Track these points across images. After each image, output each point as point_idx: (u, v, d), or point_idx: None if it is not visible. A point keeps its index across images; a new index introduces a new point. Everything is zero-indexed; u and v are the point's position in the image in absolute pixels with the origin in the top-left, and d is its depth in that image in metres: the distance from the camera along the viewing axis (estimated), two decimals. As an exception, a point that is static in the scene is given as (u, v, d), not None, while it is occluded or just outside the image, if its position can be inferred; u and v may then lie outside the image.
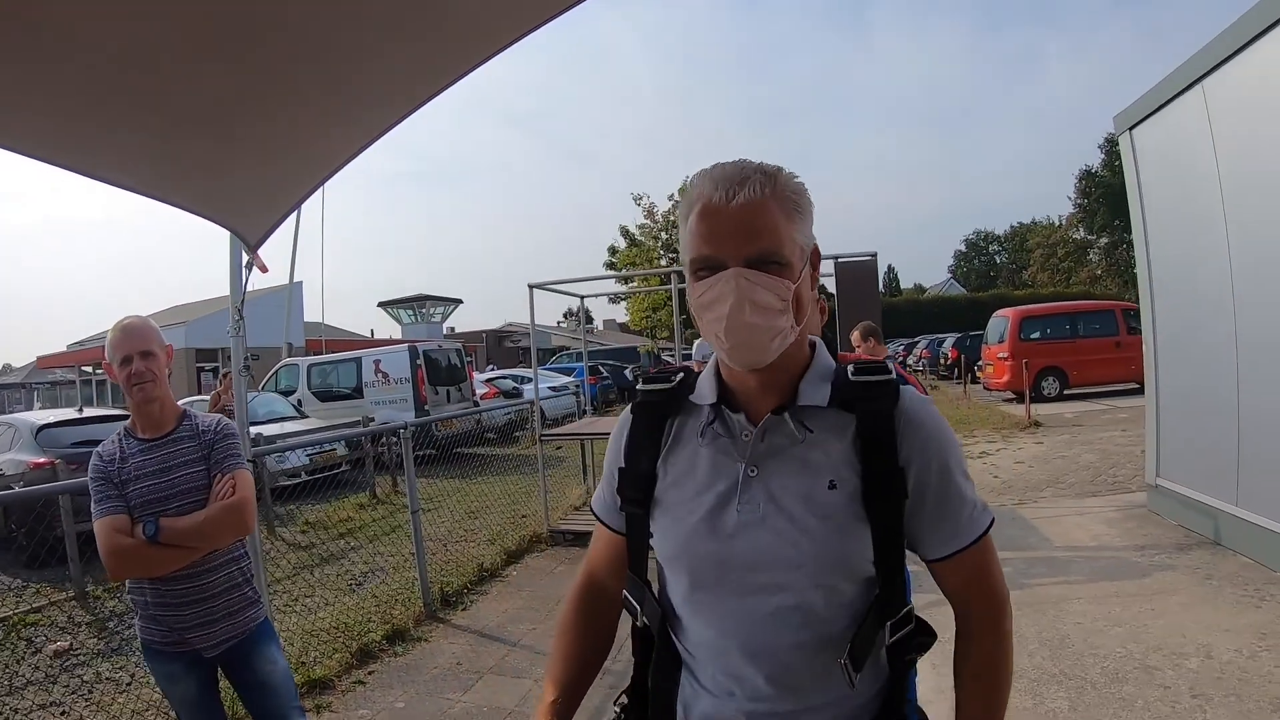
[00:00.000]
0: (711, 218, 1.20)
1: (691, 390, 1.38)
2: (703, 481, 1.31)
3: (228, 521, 2.68)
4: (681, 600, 1.34)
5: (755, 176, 1.19)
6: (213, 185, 2.93)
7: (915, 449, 1.26)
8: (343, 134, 2.71)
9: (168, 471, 2.70)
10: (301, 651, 5.31)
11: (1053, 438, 12.81)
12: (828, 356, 1.36)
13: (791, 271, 1.21)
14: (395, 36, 2.09)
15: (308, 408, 15.89)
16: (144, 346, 2.69)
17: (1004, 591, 1.37)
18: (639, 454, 1.39)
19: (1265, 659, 4.17)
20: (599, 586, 1.54)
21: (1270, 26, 5.14)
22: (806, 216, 1.25)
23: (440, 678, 5.02)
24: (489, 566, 7.33)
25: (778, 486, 1.25)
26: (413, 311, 52.02)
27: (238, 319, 3.88)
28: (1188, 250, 6.77)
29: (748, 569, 1.25)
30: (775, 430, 1.27)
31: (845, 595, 1.25)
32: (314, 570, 7.67)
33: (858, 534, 1.22)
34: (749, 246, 1.18)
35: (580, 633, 1.52)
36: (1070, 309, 20.72)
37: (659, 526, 1.35)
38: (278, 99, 2.32)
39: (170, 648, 2.75)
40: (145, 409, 2.75)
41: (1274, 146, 5.35)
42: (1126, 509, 7.72)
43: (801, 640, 1.24)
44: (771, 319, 1.19)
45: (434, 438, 11.88)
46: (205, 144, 2.53)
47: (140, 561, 2.60)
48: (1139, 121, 7.34)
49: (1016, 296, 39.78)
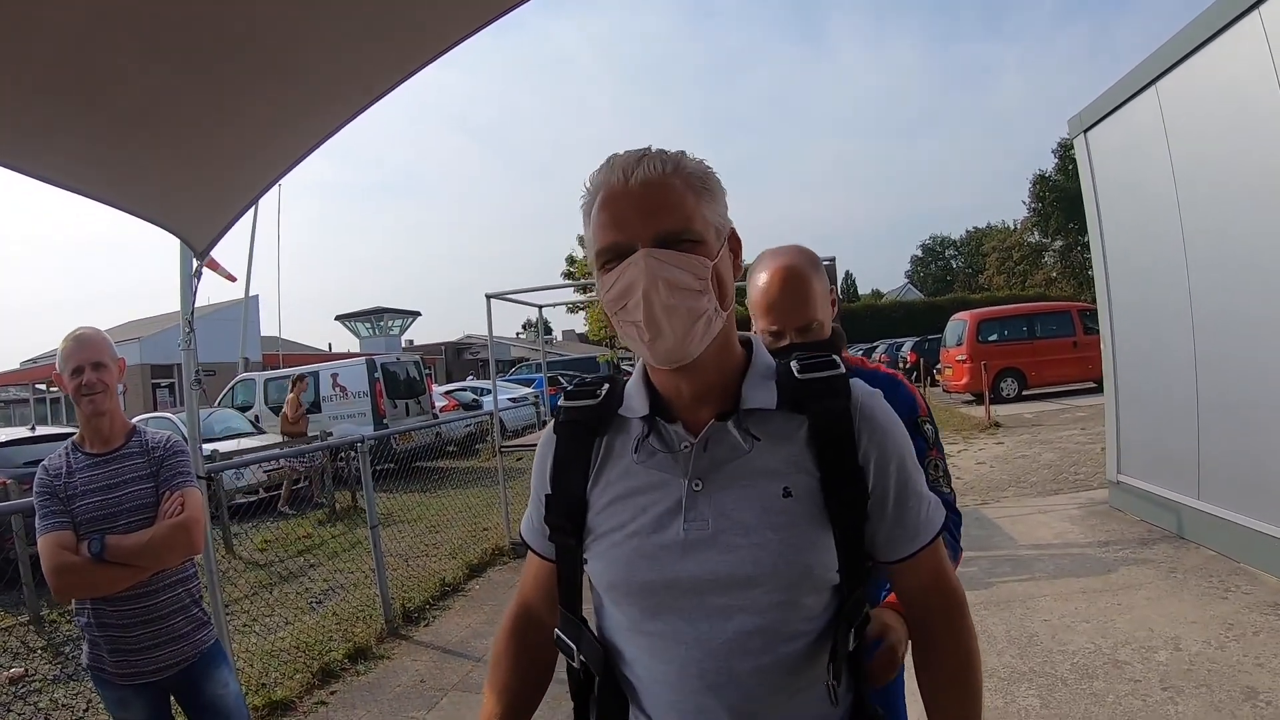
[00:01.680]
0: (613, 202, 1.12)
1: (620, 403, 1.27)
2: (641, 502, 1.20)
3: (176, 540, 2.60)
4: (628, 633, 1.23)
5: (653, 155, 1.13)
6: (155, 187, 2.82)
7: (874, 446, 1.18)
8: (290, 135, 2.64)
9: (115, 488, 2.63)
10: (262, 673, 5.18)
11: (1013, 438, 12.93)
12: (767, 354, 1.27)
13: (707, 249, 1.13)
14: (341, 35, 2.04)
15: (265, 423, 15.65)
16: (96, 358, 2.64)
17: (961, 590, 1.31)
18: (566, 479, 1.28)
19: (1233, 649, 4.19)
20: (533, 615, 1.42)
21: (1223, 28, 5.22)
22: (717, 196, 1.18)
23: (404, 696, 4.90)
24: (451, 581, 7.22)
25: (727, 500, 1.16)
26: (370, 324, 51.53)
27: (188, 332, 3.76)
28: (1143, 249, 6.86)
29: (701, 592, 1.15)
30: (718, 440, 1.18)
31: (810, 609, 1.16)
32: (273, 589, 7.49)
33: (820, 542, 1.14)
34: (656, 224, 1.10)
35: (514, 665, 1.41)
36: (1027, 311, 20.99)
37: (595, 555, 1.24)
38: (221, 98, 2.24)
39: (118, 673, 2.65)
40: (94, 422, 2.69)
41: (1227, 145, 5.43)
42: (1089, 506, 7.78)
43: (765, 664, 1.15)
44: (691, 300, 1.10)
45: (393, 451, 11.71)
46: (146, 144, 2.43)
47: (85, 580, 2.52)
48: (1094, 124, 7.42)
49: (974, 300, 40.30)
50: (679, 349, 1.13)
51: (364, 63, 2.22)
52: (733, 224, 1.21)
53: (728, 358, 1.21)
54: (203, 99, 2.21)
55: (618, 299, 1.13)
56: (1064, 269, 51.12)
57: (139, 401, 31.15)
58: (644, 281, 1.08)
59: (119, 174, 2.64)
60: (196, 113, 2.29)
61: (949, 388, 20.17)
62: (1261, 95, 4.88)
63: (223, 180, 2.88)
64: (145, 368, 33.09)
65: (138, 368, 32.78)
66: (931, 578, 1.27)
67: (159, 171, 2.68)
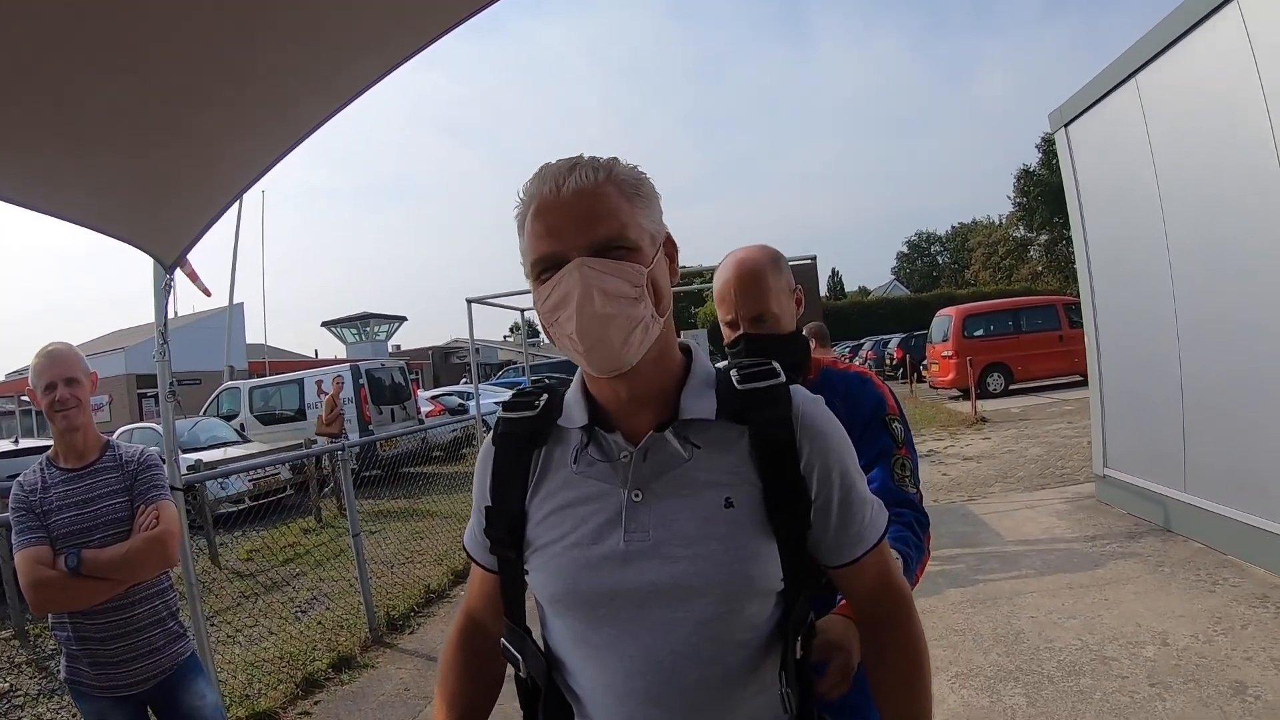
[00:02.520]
0: (546, 213, 1.10)
1: (559, 413, 1.25)
2: (581, 513, 1.18)
3: (152, 553, 2.63)
4: (572, 644, 1.22)
5: (585, 164, 1.11)
6: (117, 202, 2.78)
7: (817, 455, 1.17)
8: (257, 141, 2.58)
9: (91, 502, 2.65)
10: (246, 684, 5.15)
11: (999, 433, 12.95)
12: (707, 362, 1.25)
13: (642, 256, 1.11)
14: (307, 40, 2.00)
15: (250, 431, 15.63)
16: (69, 373, 2.65)
17: (907, 588, 1.32)
18: (505, 491, 1.26)
19: (1221, 643, 4.17)
20: (479, 626, 1.41)
21: (1200, 20, 5.23)
22: (652, 203, 1.16)
23: (388, 705, 4.86)
24: (436, 588, 7.19)
25: (668, 510, 1.14)
26: (357, 330, 51.29)
27: (162, 343, 3.73)
28: (1126, 241, 6.86)
29: (643, 603, 1.13)
30: (658, 450, 1.16)
31: (753, 617, 1.15)
32: (258, 599, 7.43)
33: (763, 552, 1.13)
34: (589, 233, 1.08)
35: (462, 676, 1.40)
36: (1012, 305, 21.12)
37: (536, 567, 1.22)
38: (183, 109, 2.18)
39: (96, 685, 2.68)
40: (68, 437, 2.71)
41: (1207, 137, 5.44)
42: (1076, 500, 7.78)
43: (710, 676, 1.13)
44: (627, 308, 1.08)
45: (379, 458, 11.66)
46: (106, 159, 2.39)
47: (63, 594, 2.55)
48: (1074, 117, 7.44)
49: (959, 295, 40.37)
50: (616, 357, 1.10)
51: (330, 69, 2.18)
52: (668, 230, 1.20)
53: (667, 365, 1.20)
54: (164, 111, 2.16)
55: (553, 310, 1.10)
56: (1049, 263, 51.39)
57: (124, 411, 31.00)
58: (579, 291, 1.06)
59: (79, 190, 2.60)
60: (158, 125, 2.23)
61: (935, 383, 20.24)
62: (1240, 86, 4.87)
63: (188, 192, 2.84)
64: (131, 377, 32.98)
65: (123, 378, 32.65)
66: (877, 580, 1.27)
67: (121, 186, 2.64)
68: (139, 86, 1.97)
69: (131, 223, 3.01)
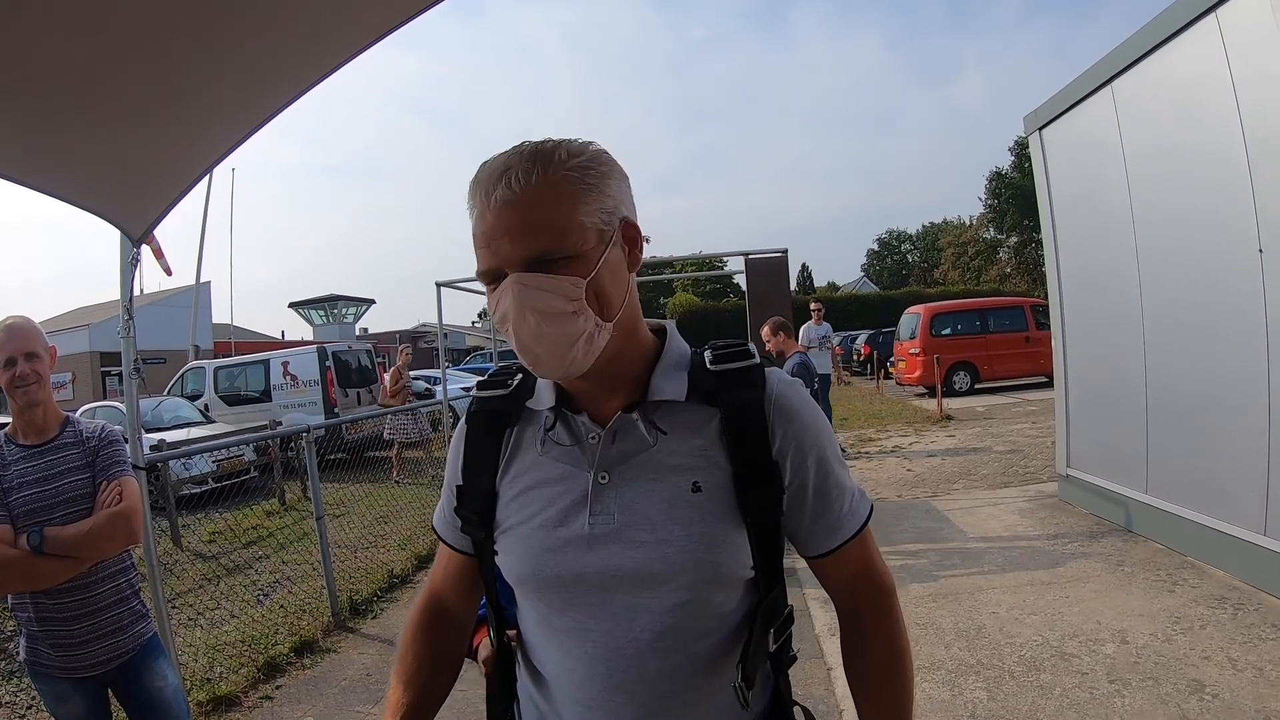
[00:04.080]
0: (481, 224, 1.07)
1: (530, 394, 1.24)
2: (548, 494, 1.18)
3: (116, 529, 2.59)
4: (537, 627, 1.22)
5: (517, 166, 1.05)
6: (87, 171, 2.70)
7: (790, 440, 1.15)
8: (231, 114, 2.52)
9: (52, 479, 2.61)
10: (207, 668, 5.09)
11: (964, 431, 13.05)
12: (682, 343, 1.23)
13: (582, 263, 1.06)
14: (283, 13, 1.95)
15: (215, 412, 15.42)
16: (28, 348, 2.61)
17: (890, 579, 1.29)
18: (476, 470, 1.26)
19: (1180, 642, 4.23)
20: (443, 607, 1.40)
21: (1179, 30, 5.27)
22: (604, 186, 1.09)
23: (350, 689, 4.82)
24: (399, 573, 7.14)
25: (634, 494, 1.13)
26: (324, 312, 50.84)
27: (127, 319, 3.66)
28: (1096, 246, 6.93)
29: (607, 589, 1.12)
30: (626, 431, 1.15)
31: (721, 606, 1.14)
32: (220, 581, 7.33)
33: (730, 539, 1.12)
34: (522, 248, 1.04)
35: (422, 657, 1.36)
36: (980, 305, 21.27)
37: (504, 548, 1.21)
38: (156, 78, 2.12)
39: (57, 666, 2.64)
40: (29, 413, 2.66)
41: (1180, 146, 5.50)
42: (1038, 499, 7.86)
43: (674, 664, 1.12)
44: (563, 325, 1.05)
45: (344, 441, 11.55)
46: (77, 127, 2.31)
47: (26, 573, 2.52)
48: (1048, 122, 7.48)
49: (928, 294, 40.60)
50: (559, 370, 1.10)
51: (305, 43, 2.14)
52: (626, 213, 1.14)
53: (629, 357, 1.17)
54: (137, 79, 2.10)
55: (501, 322, 1.09)
56: (1018, 265, 51.87)
57: (88, 390, 30.52)
58: (513, 312, 1.05)
59: (48, 158, 2.52)
60: (130, 93, 2.17)
61: (902, 380, 20.35)
62: (1215, 98, 4.93)
63: (158, 164, 2.77)
64: (94, 355, 32.45)
65: (86, 355, 32.13)
66: (859, 569, 1.26)
67: (91, 155, 2.56)
68: (107, 54, 1.92)
69: (99, 193, 2.93)
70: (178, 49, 1.99)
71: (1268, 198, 4.58)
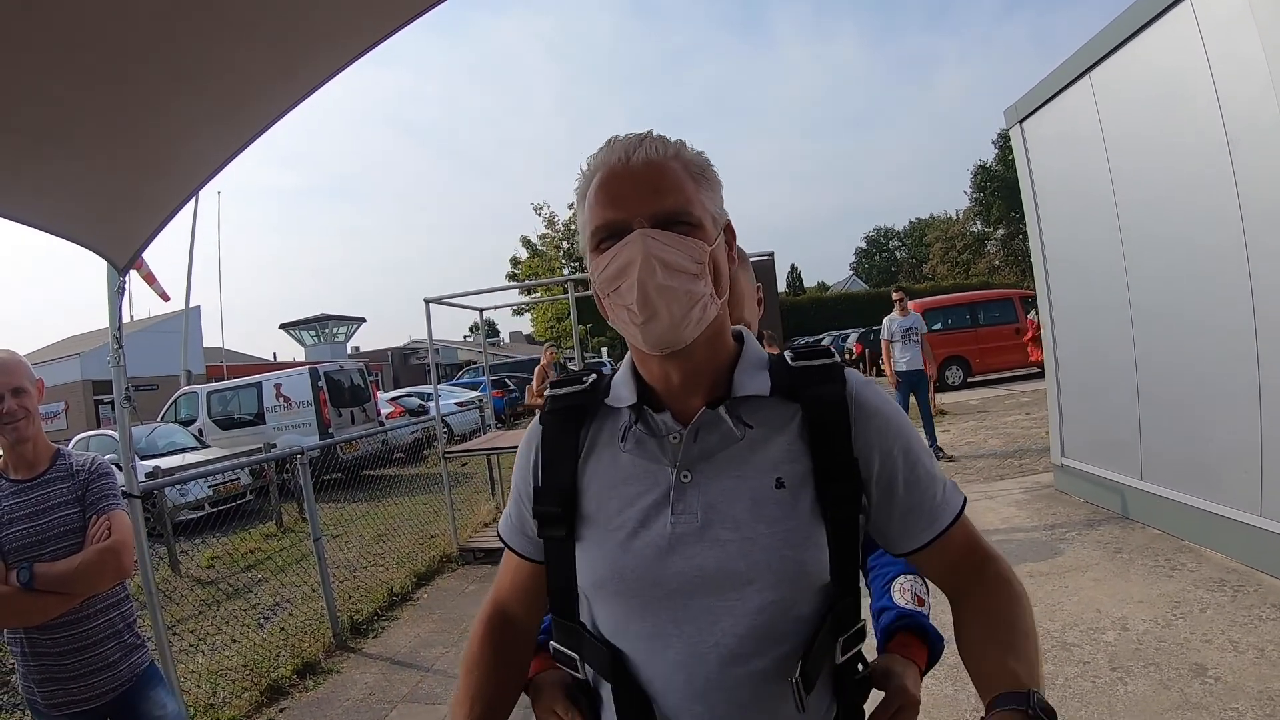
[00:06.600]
0: (612, 181, 1.09)
1: (606, 393, 1.21)
2: (628, 494, 1.15)
3: (105, 565, 2.54)
4: (613, 634, 1.17)
5: (656, 139, 1.11)
6: (69, 203, 2.69)
7: (873, 435, 1.13)
8: (209, 140, 2.51)
9: (42, 514, 2.57)
10: (210, 693, 5.07)
11: (958, 425, 13.09)
12: (758, 346, 1.22)
13: (704, 233, 1.09)
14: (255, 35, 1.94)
15: (209, 436, 15.35)
16: (15, 383, 2.56)
17: (998, 552, 1.22)
18: (555, 468, 1.22)
19: (1180, 627, 4.24)
20: (509, 617, 1.34)
21: (1154, 18, 5.30)
22: (715, 187, 1.14)
23: (353, 710, 4.80)
24: (399, 590, 7.12)
25: (717, 491, 1.11)
26: (315, 332, 50.64)
27: (117, 348, 3.64)
28: (1080, 235, 6.96)
29: (689, 590, 1.09)
30: (710, 428, 1.13)
31: (800, 609, 1.10)
32: (219, 606, 7.30)
33: (813, 536, 1.09)
34: (655, 204, 1.06)
35: (490, 669, 1.29)
36: (970, 299, 21.24)
37: (582, 549, 1.17)
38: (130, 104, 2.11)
39: (53, 703, 2.60)
40: (18, 449, 2.62)
41: (1159, 133, 5.52)
42: (1034, 490, 7.87)
43: (756, 670, 1.09)
44: (687, 283, 1.06)
45: (340, 460, 11.53)
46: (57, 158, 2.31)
47: (16, 610, 2.47)
48: (1029, 114, 7.52)
49: (918, 290, 40.77)
50: (672, 332, 1.07)
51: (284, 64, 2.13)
52: (729, 217, 1.18)
53: (720, 348, 1.17)
54: (112, 108, 2.09)
55: (611, 280, 1.08)
56: (1006, 257, 52.07)
57: (81, 418, 30.41)
58: (640, 261, 1.04)
59: (29, 190, 2.51)
60: (107, 123, 2.17)
61: (896, 378, 20.34)
62: (1193, 85, 4.96)
63: (140, 192, 2.75)
64: (87, 384, 32.29)
65: (79, 384, 31.99)
66: (966, 550, 1.20)
67: (71, 186, 2.55)
68: (86, 82, 1.91)
69: (82, 224, 2.91)
70: (152, 75, 1.98)
71: (1248, 183, 4.61)
